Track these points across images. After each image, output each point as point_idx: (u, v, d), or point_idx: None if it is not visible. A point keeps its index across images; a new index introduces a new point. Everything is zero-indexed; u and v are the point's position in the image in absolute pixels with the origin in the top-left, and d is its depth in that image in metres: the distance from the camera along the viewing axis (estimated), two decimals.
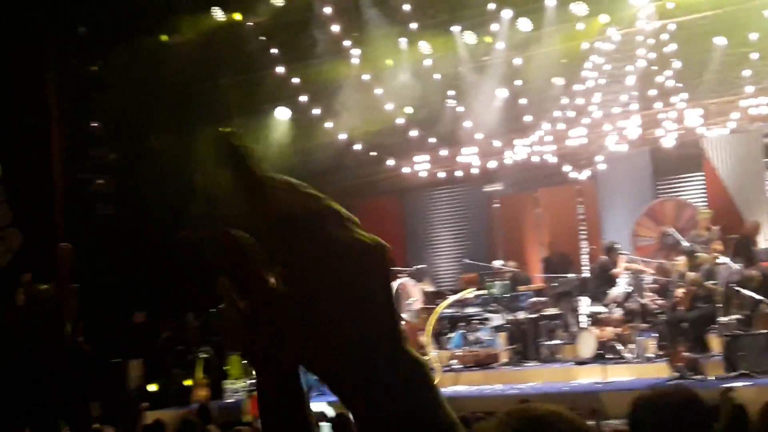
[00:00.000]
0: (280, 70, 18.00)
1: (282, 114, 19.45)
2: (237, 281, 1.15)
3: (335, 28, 17.42)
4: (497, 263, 17.04)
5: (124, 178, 18.22)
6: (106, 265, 17.43)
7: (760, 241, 15.21)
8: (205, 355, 16.56)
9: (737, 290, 13.04)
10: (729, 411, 5.62)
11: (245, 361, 16.36)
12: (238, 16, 17.80)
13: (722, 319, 12.63)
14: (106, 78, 17.39)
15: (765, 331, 12.63)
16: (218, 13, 17.61)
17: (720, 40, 16.25)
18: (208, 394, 15.82)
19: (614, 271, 15.34)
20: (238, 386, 15.93)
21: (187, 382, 16.32)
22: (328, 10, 17.26)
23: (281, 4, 17.45)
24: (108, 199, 18.12)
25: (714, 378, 12.16)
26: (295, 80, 18.15)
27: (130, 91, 16.98)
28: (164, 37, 17.60)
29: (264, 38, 18.12)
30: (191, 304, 18.11)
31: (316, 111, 18.49)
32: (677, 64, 16.54)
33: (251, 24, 18.10)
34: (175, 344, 17.72)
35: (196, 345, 17.03)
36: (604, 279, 15.42)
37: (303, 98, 18.37)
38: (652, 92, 16.97)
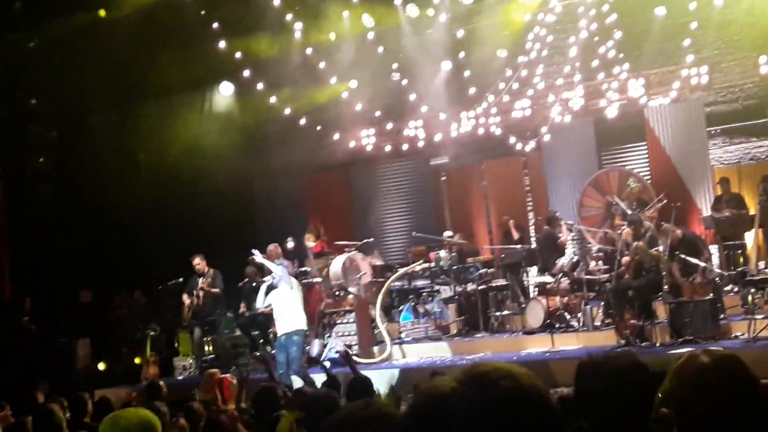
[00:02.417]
0: (222, 45, 17.78)
1: (226, 89, 19.25)
2: None
3: (277, 1, 17.22)
4: (447, 234, 17.04)
5: (64, 156, 17.89)
6: (50, 244, 17.17)
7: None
8: (153, 333, 16.40)
9: (681, 257, 13.18)
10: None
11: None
12: None
13: (667, 286, 12.76)
14: (44, 54, 17.02)
15: (708, 297, 12.83)
16: None
17: (660, 11, 16.37)
18: (157, 372, 15.69)
19: (561, 239, 15.47)
20: (187, 363, 15.82)
21: (137, 360, 16.17)
22: None
23: None
24: (48, 179, 17.79)
25: (660, 345, 12.34)
26: (238, 55, 17.96)
27: (68, 68, 16.63)
28: (102, 12, 17.22)
29: (204, 12, 17.85)
30: (138, 282, 17.93)
31: (260, 86, 18.32)
32: (618, 34, 16.64)
33: None
34: (123, 323, 17.55)
35: (145, 323, 16.86)
36: (550, 249, 15.53)
37: (246, 73, 18.19)
38: (595, 63, 17.06)
